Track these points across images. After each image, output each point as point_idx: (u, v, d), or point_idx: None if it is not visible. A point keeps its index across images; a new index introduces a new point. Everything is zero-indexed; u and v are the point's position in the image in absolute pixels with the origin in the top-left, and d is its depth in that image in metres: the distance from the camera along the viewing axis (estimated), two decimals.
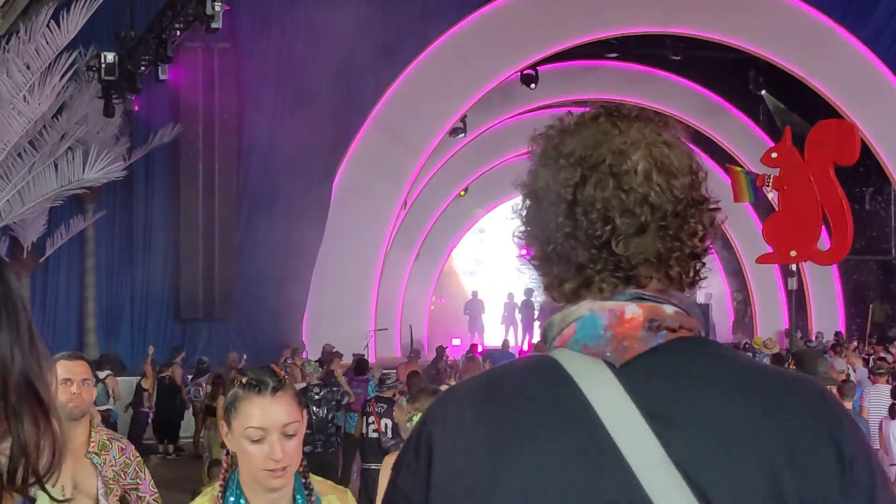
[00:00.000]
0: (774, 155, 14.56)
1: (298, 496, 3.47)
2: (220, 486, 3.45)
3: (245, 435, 3.31)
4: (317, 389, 13.34)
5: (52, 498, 1.77)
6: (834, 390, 11.47)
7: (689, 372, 1.73)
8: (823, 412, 1.71)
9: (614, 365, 1.72)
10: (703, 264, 1.84)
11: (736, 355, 1.82)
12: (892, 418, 11.47)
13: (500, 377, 1.87)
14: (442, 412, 1.81)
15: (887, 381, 13.44)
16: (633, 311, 1.74)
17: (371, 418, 12.32)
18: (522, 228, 1.93)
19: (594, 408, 1.68)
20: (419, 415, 6.09)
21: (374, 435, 12.22)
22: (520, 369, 1.86)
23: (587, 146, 1.83)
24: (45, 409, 1.70)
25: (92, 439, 5.02)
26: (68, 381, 4.81)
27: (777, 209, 14.90)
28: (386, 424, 12.17)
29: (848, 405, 11.12)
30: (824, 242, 15.46)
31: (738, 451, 1.64)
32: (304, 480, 3.51)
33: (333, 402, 13.27)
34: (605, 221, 1.75)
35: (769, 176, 14.55)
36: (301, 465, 3.48)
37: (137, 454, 5.18)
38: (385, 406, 12.34)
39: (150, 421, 18.61)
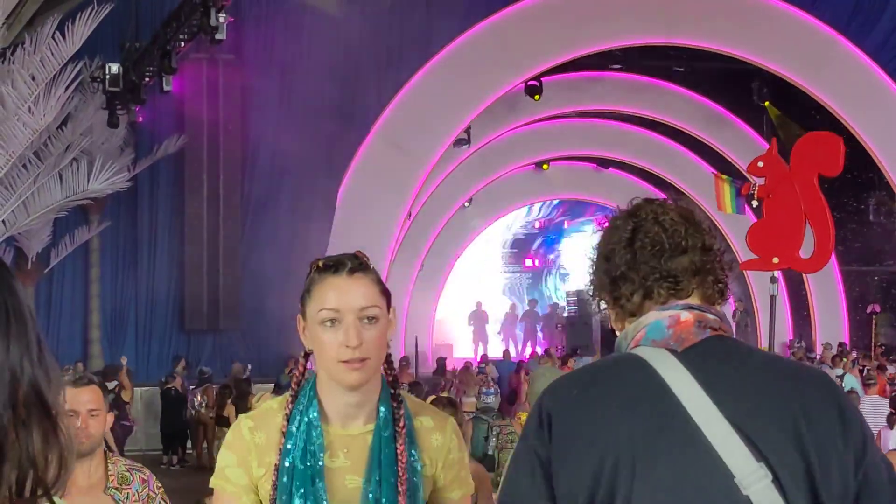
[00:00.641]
0: (760, 164, 14.71)
1: (383, 406, 2.98)
2: (292, 390, 3.01)
3: (318, 319, 2.92)
4: None
5: None
6: None
7: (730, 356, 2.48)
8: (829, 385, 2.51)
9: (677, 351, 2.43)
10: (727, 286, 2.62)
11: (759, 350, 2.74)
12: (892, 428, 11.47)
13: (594, 369, 2.81)
14: (554, 394, 2.51)
15: (883, 393, 13.47)
16: (686, 315, 2.48)
17: None
18: (593, 280, 2.67)
19: (666, 382, 2.37)
20: None
21: None
22: (609, 362, 2.66)
23: (633, 210, 2.59)
24: (53, 421, 1.70)
25: (110, 472, 4.49)
26: (73, 412, 4.24)
27: (760, 218, 15.00)
28: None
29: None
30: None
31: (769, 410, 2.36)
32: (392, 390, 3.02)
33: None
34: (655, 246, 2.51)
35: (754, 184, 14.63)
36: (390, 372, 3.06)
37: (160, 485, 4.65)
38: None
39: (132, 433, 18.44)
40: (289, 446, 2.90)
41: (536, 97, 26.97)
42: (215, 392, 18.51)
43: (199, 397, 18.37)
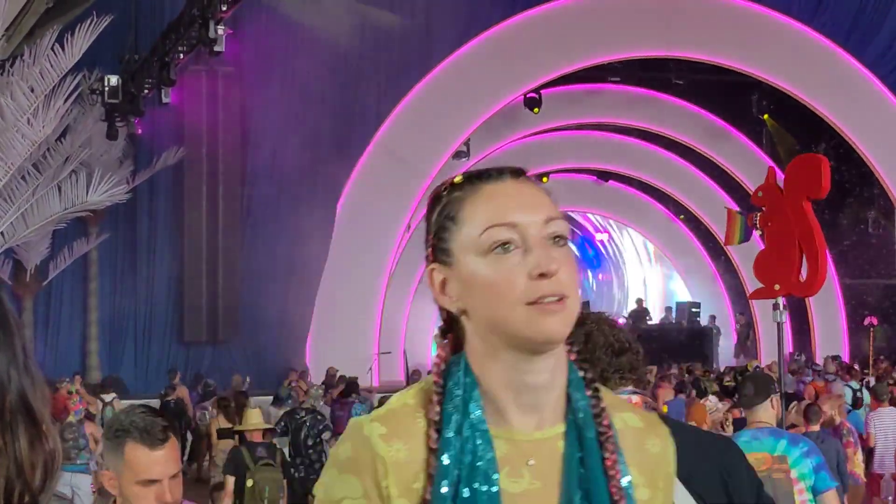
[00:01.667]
0: (760, 194, 14.76)
1: (577, 393, 1.86)
2: (436, 380, 1.84)
3: (481, 246, 1.81)
4: (302, 414, 13.29)
5: None
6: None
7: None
8: (734, 447, 3.88)
9: None
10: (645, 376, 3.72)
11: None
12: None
13: None
14: None
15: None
16: (635, 398, 3.21)
17: None
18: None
19: None
20: None
21: None
22: None
23: (581, 320, 2.66)
24: (39, 429, 1.70)
25: None
26: (153, 482, 3.07)
27: (763, 246, 15.07)
28: None
29: (814, 427, 10.99)
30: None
31: (705, 469, 3.42)
32: (582, 374, 1.90)
33: (316, 430, 13.17)
34: (607, 348, 3.40)
35: (756, 215, 14.70)
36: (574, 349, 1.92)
37: None
38: None
39: None
40: (445, 462, 1.79)
41: (536, 110, 26.98)
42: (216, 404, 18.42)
43: (210, 410, 18.23)
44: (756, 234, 14.41)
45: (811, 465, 5.89)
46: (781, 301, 15.11)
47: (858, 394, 17.10)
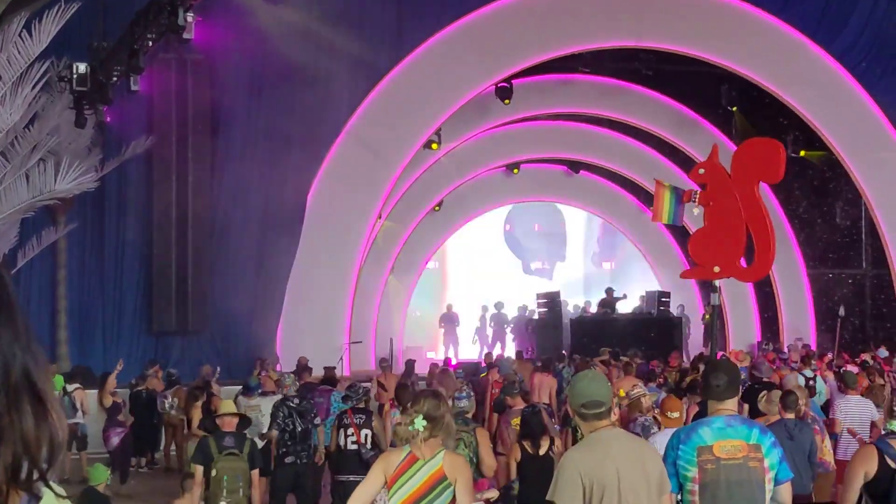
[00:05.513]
0: (702, 171, 14.60)
1: None
2: None
3: None
4: (296, 401, 13.28)
5: (57, 495, 1.83)
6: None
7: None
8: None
9: None
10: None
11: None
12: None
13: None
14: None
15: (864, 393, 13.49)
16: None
17: (350, 430, 12.16)
18: None
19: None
20: (420, 416, 6.07)
21: (354, 447, 12.07)
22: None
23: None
24: (43, 405, 1.76)
25: None
26: None
27: (700, 226, 14.93)
28: (366, 435, 12.08)
29: (790, 415, 11.05)
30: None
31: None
32: None
33: (310, 416, 13.19)
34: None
35: (695, 192, 14.52)
36: None
37: None
38: (364, 417, 12.27)
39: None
40: None
41: (507, 101, 27.01)
42: (185, 394, 18.35)
43: (169, 399, 18.22)
44: (696, 211, 14.31)
45: (778, 456, 5.93)
46: (718, 284, 15.11)
47: (811, 382, 17.19)
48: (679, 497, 5.95)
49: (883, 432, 6.81)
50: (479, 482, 9.87)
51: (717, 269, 14.25)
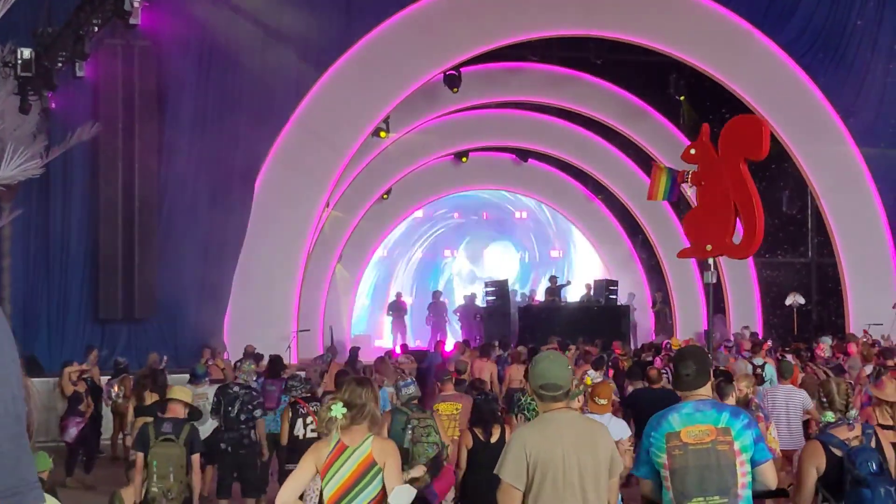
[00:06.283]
0: (693, 151, 14.79)
1: None
2: None
3: None
4: (236, 388, 13.26)
5: None
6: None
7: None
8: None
9: None
10: None
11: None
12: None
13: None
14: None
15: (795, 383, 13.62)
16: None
17: (308, 418, 12.11)
18: None
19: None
20: (339, 403, 6.06)
21: (314, 434, 12.04)
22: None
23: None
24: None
25: None
26: None
27: (694, 205, 15.16)
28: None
29: (730, 401, 11.14)
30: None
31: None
32: None
33: (249, 405, 13.12)
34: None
35: (688, 172, 14.75)
36: None
37: None
38: (318, 405, 12.23)
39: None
40: None
41: (455, 90, 27.00)
42: (132, 382, 18.19)
43: (115, 388, 18.05)
44: (689, 191, 14.47)
45: (752, 437, 5.94)
46: (714, 262, 15.25)
47: (759, 370, 17.32)
48: (657, 483, 5.99)
49: (820, 425, 6.92)
50: (446, 467, 9.91)
51: (709, 247, 14.47)
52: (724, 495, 5.82)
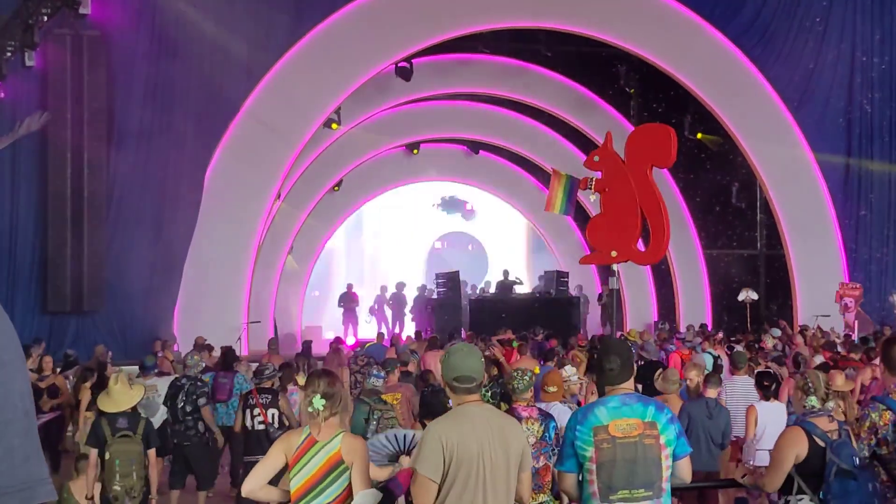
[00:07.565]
0: (596, 158, 14.93)
1: None
2: None
3: None
4: (183, 380, 13.25)
5: None
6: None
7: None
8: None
9: None
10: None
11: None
12: (767, 400, 11.70)
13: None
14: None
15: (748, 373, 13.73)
16: None
17: (256, 410, 12.12)
18: None
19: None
20: (318, 396, 6.07)
21: (261, 427, 12.04)
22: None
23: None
24: None
25: None
26: None
27: (597, 213, 15.25)
28: (273, 415, 12.05)
29: (713, 393, 11.37)
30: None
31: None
32: None
33: (193, 396, 13.10)
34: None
35: (591, 179, 14.83)
36: None
37: None
38: (269, 397, 12.21)
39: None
40: None
41: (407, 80, 27.03)
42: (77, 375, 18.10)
43: (70, 380, 17.91)
44: (592, 198, 14.54)
45: (675, 432, 5.98)
46: (617, 268, 15.39)
47: (718, 361, 17.46)
48: (580, 477, 6.00)
49: (806, 409, 6.95)
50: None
51: (614, 253, 14.54)
52: (650, 489, 5.84)
